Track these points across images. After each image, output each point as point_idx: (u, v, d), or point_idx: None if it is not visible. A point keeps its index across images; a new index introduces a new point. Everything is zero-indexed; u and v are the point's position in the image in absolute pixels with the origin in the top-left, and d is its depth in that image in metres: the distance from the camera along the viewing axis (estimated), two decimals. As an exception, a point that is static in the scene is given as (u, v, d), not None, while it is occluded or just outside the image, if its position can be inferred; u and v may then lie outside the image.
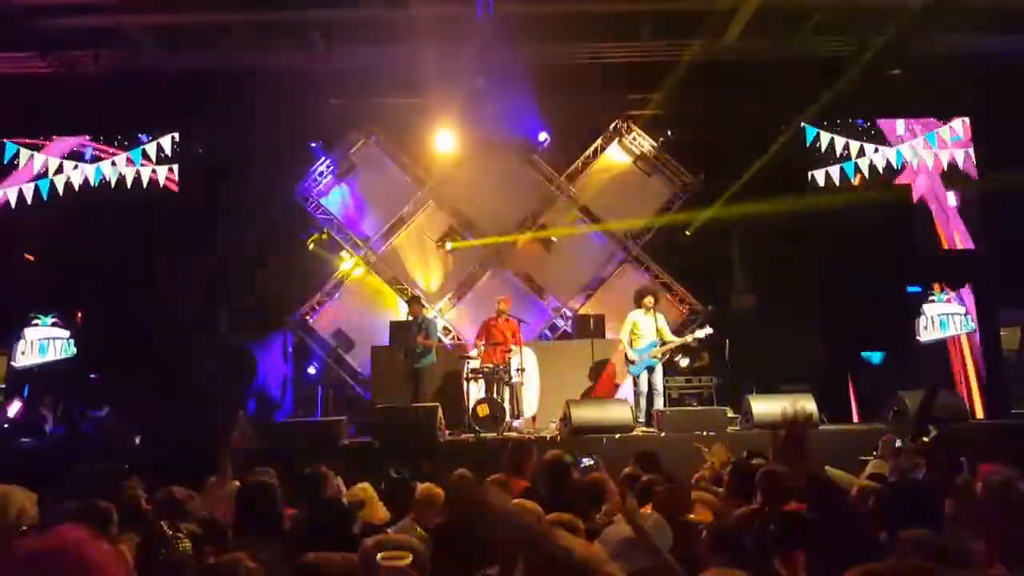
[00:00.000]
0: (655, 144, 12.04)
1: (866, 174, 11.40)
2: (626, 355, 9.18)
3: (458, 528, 2.45)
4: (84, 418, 10.09)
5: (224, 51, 10.34)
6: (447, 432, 8.64)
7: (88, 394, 10.19)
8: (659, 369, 9.17)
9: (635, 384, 9.20)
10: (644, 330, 9.08)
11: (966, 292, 11.12)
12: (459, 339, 11.36)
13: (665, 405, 9.11)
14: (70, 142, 11.47)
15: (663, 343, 9.13)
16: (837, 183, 11.43)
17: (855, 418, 10.07)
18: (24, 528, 2.01)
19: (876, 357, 10.27)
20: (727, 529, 2.91)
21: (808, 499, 2.83)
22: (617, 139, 12.22)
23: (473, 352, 9.60)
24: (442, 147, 11.83)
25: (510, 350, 9.17)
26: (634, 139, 12.16)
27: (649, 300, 9.15)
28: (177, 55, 10.45)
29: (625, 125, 12.12)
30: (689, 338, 9.38)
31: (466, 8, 9.25)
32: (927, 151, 11.47)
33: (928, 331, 11.08)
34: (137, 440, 8.73)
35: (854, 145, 11.50)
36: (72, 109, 10.89)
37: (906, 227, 11.36)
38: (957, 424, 7.63)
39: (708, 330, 9.39)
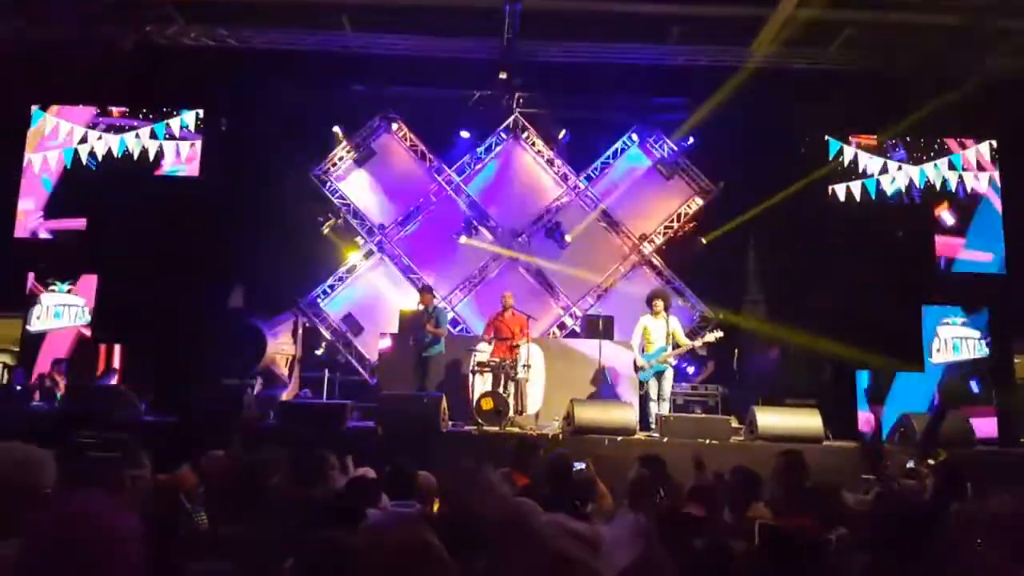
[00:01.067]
0: (676, 149, 11.99)
1: (888, 192, 11.32)
2: (635, 361, 9.10)
3: (456, 514, 2.48)
4: (93, 386, 10.22)
5: (252, 31, 10.40)
6: (450, 423, 8.67)
7: (98, 361, 10.32)
8: (669, 374, 9.07)
9: (641, 388, 9.16)
10: (655, 335, 8.97)
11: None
12: (468, 331, 11.38)
13: (670, 411, 9.07)
14: (96, 112, 11.58)
15: (675, 347, 9.03)
16: (858, 199, 11.36)
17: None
18: (48, 489, 2.04)
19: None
20: None
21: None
22: (638, 141, 12.18)
23: (481, 345, 9.62)
24: (461, 139, 11.86)
25: (517, 345, 9.18)
26: (655, 143, 12.12)
27: (658, 304, 9.01)
28: (206, 32, 10.52)
29: (647, 128, 12.08)
30: (699, 342, 9.32)
31: (494, 1, 9.25)
32: (951, 172, 11.37)
33: (941, 353, 10.99)
34: (144, 409, 8.81)
35: (877, 162, 11.42)
36: (100, 80, 10.99)
37: (925, 246, 11.27)
38: (963, 448, 7.57)
39: (718, 333, 9.26)
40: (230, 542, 3.13)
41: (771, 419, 8.04)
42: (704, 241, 11.55)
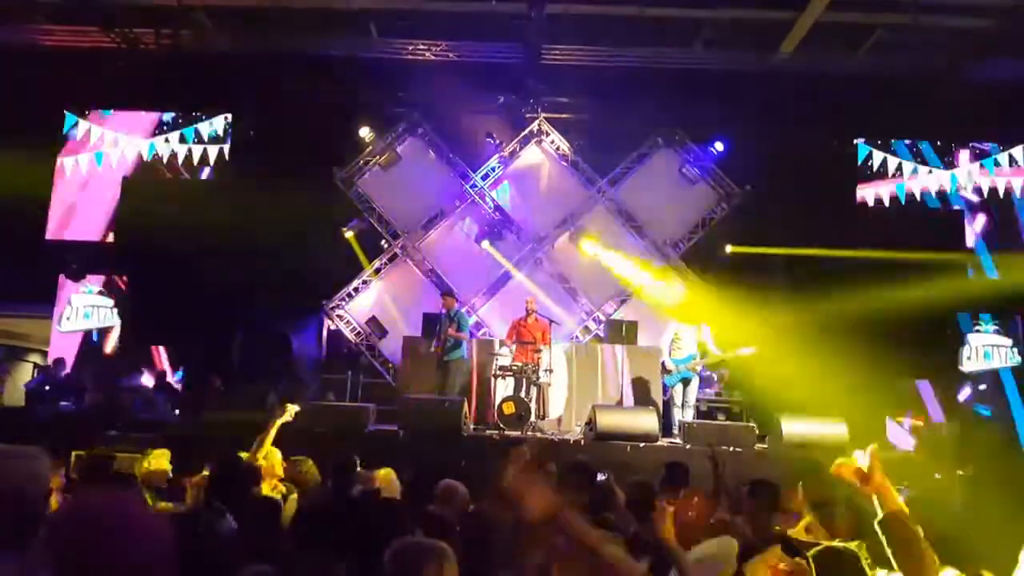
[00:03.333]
0: (702, 153, 11.88)
1: (918, 196, 11.15)
2: (663, 364, 9.14)
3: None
4: (123, 387, 10.39)
5: (280, 36, 10.52)
6: (472, 426, 8.67)
7: (128, 363, 10.49)
8: (695, 382, 9.09)
9: (665, 394, 9.13)
10: (685, 341, 9.04)
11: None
12: (490, 335, 11.38)
13: (694, 418, 9.02)
14: (127, 116, 11.79)
15: (703, 356, 9.06)
16: (887, 203, 11.20)
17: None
18: (50, 489, 2.06)
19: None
20: None
21: None
22: (663, 145, 12.10)
23: (504, 350, 9.61)
24: (487, 143, 11.90)
25: (540, 350, 9.16)
26: (681, 147, 12.03)
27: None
28: (235, 38, 10.66)
29: (672, 132, 12.00)
30: (730, 354, 9.24)
31: (519, 5, 9.26)
32: (983, 177, 11.16)
33: (972, 361, 10.80)
34: (176, 412, 8.95)
35: (907, 166, 11.25)
36: (131, 85, 11.19)
37: (955, 251, 11.09)
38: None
39: (751, 349, 9.18)
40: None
41: (795, 427, 7.95)
42: (728, 251, 11.42)
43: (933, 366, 10.67)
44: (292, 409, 5.05)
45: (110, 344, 11.34)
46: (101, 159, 11.62)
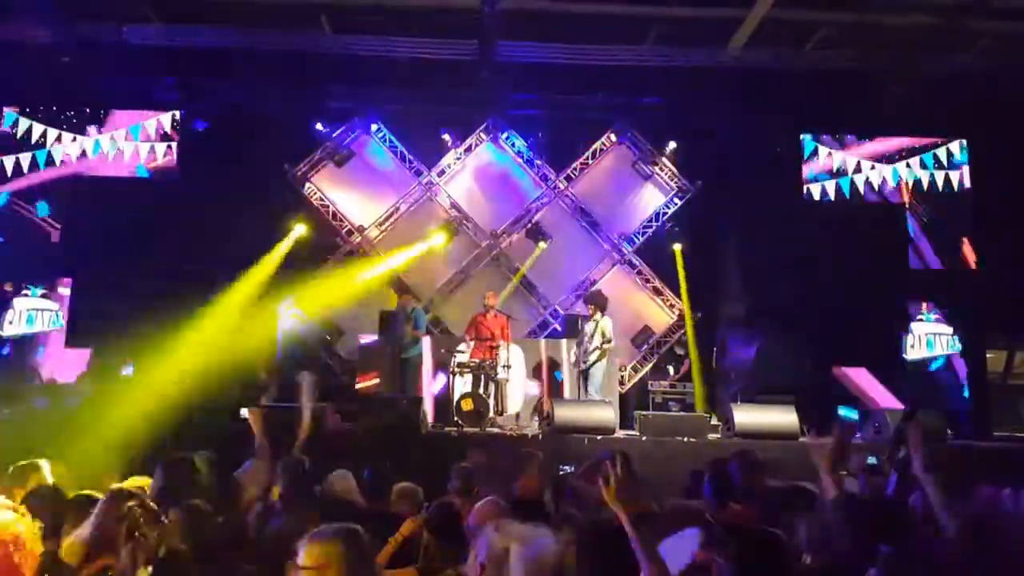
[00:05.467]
0: (654, 149, 12.06)
1: (861, 190, 11.48)
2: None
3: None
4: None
5: (230, 30, 10.31)
6: (431, 424, 8.67)
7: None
8: (596, 370, 9.24)
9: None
10: (586, 333, 9.32)
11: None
12: (449, 332, 11.38)
13: (649, 409, 9.19)
14: (70, 113, 11.45)
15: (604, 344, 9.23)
16: (832, 197, 11.51)
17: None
18: None
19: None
20: None
21: None
22: (616, 142, 12.24)
23: (462, 346, 9.63)
24: (441, 140, 11.89)
25: (498, 346, 9.21)
26: (634, 143, 12.18)
27: (591, 308, 9.39)
28: (183, 32, 10.41)
29: (625, 128, 12.14)
30: (607, 347, 9.26)
31: (473, 1, 9.25)
32: (923, 171, 11.54)
33: (915, 349, 11.16)
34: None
35: (851, 160, 11.57)
36: (75, 80, 10.86)
37: (898, 244, 11.45)
38: (935, 444, 7.68)
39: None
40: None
41: (748, 416, 8.14)
42: (677, 248, 11.62)
43: (876, 353, 11.01)
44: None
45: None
46: (44, 157, 11.26)
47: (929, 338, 11.23)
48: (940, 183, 11.51)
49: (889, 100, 10.54)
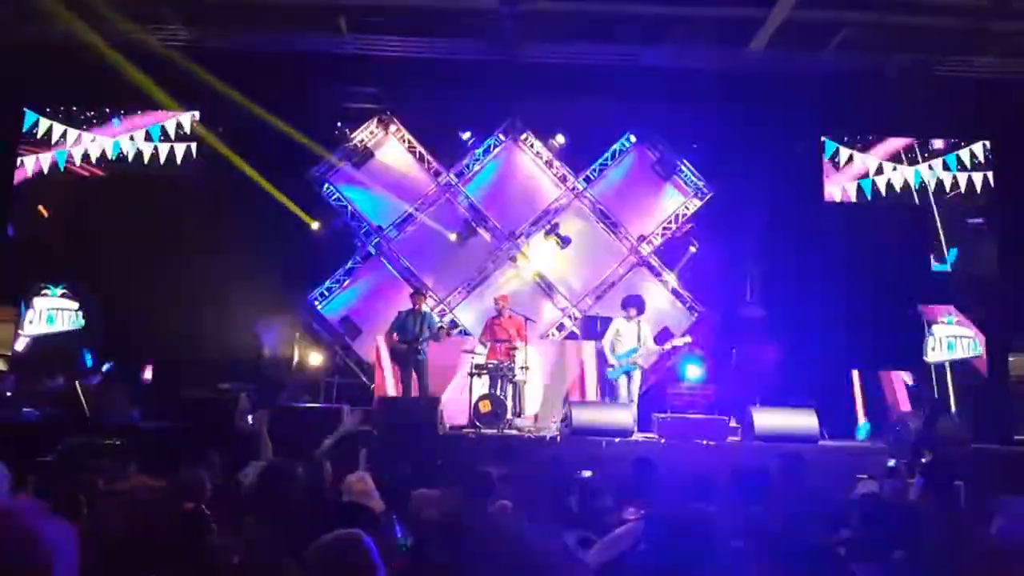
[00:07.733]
0: (673, 150, 11.99)
1: (883, 192, 11.36)
2: (606, 359, 9.28)
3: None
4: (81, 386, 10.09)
5: (249, 32, 10.36)
6: (448, 426, 8.66)
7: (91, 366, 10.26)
8: (637, 376, 9.23)
9: (610, 389, 9.28)
10: (625, 336, 9.18)
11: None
12: (466, 333, 11.36)
13: (669, 413, 9.15)
14: (90, 114, 11.53)
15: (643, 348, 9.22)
16: (853, 199, 11.39)
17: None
18: None
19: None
20: None
21: None
22: (636, 143, 12.18)
23: (479, 348, 9.62)
24: (460, 140, 11.89)
25: (515, 347, 9.19)
26: (653, 144, 12.11)
27: (632, 311, 9.28)
28: (201, 34, 10.47)
29: (645, 130, 12.08)
30: (668, 346, 9.63)
31: (492, 2, 9.24)
32: (946, 172, 11.41)
33: (936, 352, 11.03)
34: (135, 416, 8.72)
35: (873, 162, 11.45)
36: (95, 82, 10.93)
37: (920, 246, 11.32)
38: (956, 448, 7.59)
39: (686, 339, 9.53)
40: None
41: (767, 419, 8.08)
42: (694, 247, 11.55)
43: (899, 357, 10.89)
44: None
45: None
46: (63, 158, 11.35)
47: (950, 341, 11.09)
48: (963, 185, 11.35)
49: (912, 101, 10.42)
